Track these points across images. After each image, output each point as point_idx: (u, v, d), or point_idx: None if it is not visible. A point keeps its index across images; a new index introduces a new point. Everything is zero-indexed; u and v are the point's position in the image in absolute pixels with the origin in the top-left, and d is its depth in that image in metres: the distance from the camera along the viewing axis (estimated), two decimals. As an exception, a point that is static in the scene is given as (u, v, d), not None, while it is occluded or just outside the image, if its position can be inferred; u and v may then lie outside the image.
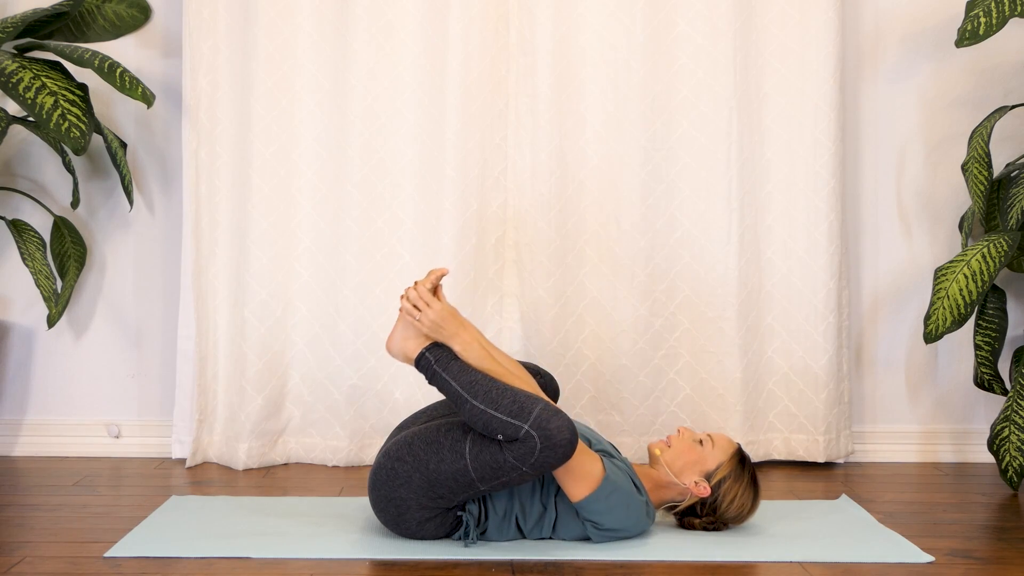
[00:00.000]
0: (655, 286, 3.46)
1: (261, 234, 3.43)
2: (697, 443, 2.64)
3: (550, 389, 2.76)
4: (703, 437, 2.66)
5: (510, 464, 2.41)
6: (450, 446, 2.46)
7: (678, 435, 2.67)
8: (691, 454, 2.63)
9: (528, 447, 2.38)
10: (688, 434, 2.67)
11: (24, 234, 3.42)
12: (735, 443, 2.68)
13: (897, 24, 3.59)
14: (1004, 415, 3.12)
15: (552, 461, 2.39)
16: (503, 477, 2.43)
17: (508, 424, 2.40)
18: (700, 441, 2.65)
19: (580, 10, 3.43)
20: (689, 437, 2.66)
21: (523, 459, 2.39)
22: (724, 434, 2.74)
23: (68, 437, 3.57)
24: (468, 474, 2.44)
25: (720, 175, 3.43)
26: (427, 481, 2.47)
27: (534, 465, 2.39)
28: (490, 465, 2.42)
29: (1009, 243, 3.08)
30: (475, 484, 2.45)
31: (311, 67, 3.42)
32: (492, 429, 2.42)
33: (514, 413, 2.40)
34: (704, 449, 2.63)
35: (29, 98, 3.07)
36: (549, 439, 2.37)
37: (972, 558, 2.52)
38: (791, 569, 2.43)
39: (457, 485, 2.46)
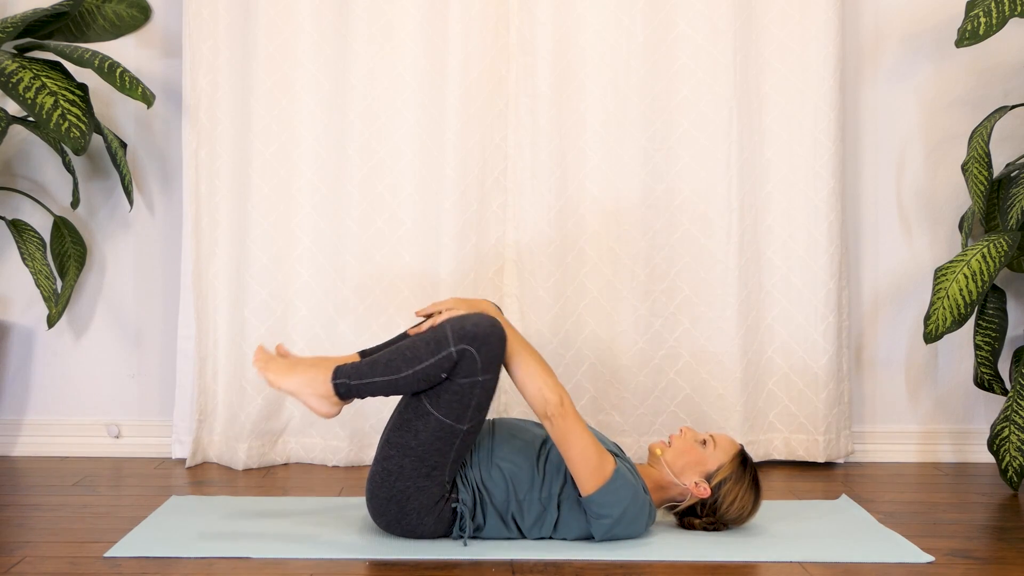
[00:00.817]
0: (655, 286, 3.46)
1: (261, 234, 3.43)
2: (699, 443, 2.64)
3: None
4: (705, 437, 2.65)
5: (466, 385, 2.45)
6: (416, 416, 2.49)
7: (680, 435, 2.67)
8: (692, 454, 2.62)
9: (468, 359, 2.43)
10: (690, 434, 2.67)
11: (24, 234, 3.42)
12: (737, 444, 2.68)
13: (897, 24, 3.59)
14: (1004, 415, 3.12)
15: (496, 352, 2.45)
16: (473, 401, 2.46)
17: (439, 361, 2.44)
18: (703, 442, 2.64)
19: (580, 10, 3.43)
20: (691, 437, 2.66)
21: (472, 371, 2.44)
22: (726, 435, 2.74)
23: (68, 437, 3.57)
24: (443, 423, 2.46)
25: (720, 175, 3.43)
26: (417, 459, 2.49)
27: (485, 368, 2.44)
28: (454, 401, 2.46)
29: (1009, 243, 3.08)
30: (456, 428, 2.48)
31: (311, 67, 3.42)
32: (433, 376, 2.45)
33: (434, 350, 2.44)
34: (706, 450, 2.63)
35: (29, 98, 3.07)
36: (477, 338, 2.42)
37: (972, 558, 2.52)
38: (791, 569, 2.43)
39: (443, 443, 2.48)
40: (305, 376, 2.52)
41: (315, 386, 2.51)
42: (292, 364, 2.55)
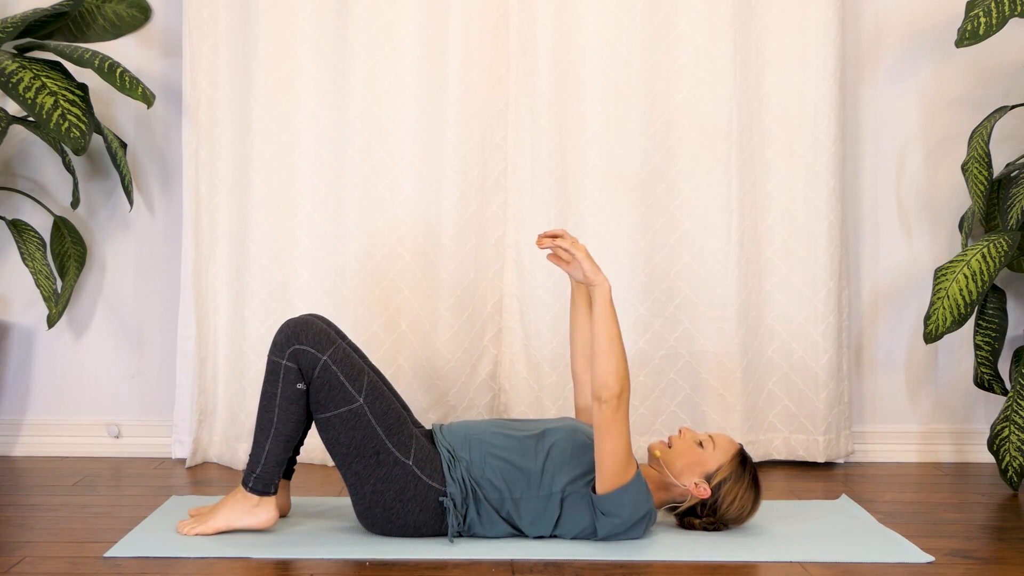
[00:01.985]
0: (655, 286, 3.46)
1: (261, 234, 3.43)
2: (698, 444, 2.63)
3: None
4: (704, 438, 2.65)
5: (322, 373, 2.51)
6: (326, 430, 2.54)
7: (679, 435, 2.66)
8: (691, 455, 2.62)
9: (301, 355, 2.51)
10: (689, 435, 2.66)
11: (24, 234, 3.42)
12: (737, 444, 2.67)
13: (897, 24, 3.59)
14: (1004, 415, 3.12)
15: (317, 327, 2.53)
16: (340, 378, 2.51)
17: (285, 381, 2.54)
18: (701, 443, 2.63)
19: (580, 10, 3.43)
20: (690, 438, 2.65)
21: (314, 360, 2.51)
22: (726, 435, 2.73)
23: (68, 437, 3.58)
24: (342, 415, 2.52)
25: (720, 175, 3.43)
26: (358, 457, 2.52)
27: (319, 347, 2.51)
28: (330, 392, 2.52)
29: (1009, 243, 3.08)
30: (356, 409, 2.52)
31: (311, 67, 3.42)
32: (296, 395, 2.53)
33: (275, 378, 2.54)
34: (705, 450, 2.62)
35: (29, 98, 3.07)
36: (292, 335, 2.51)
37: (972, 558, 2.52)
38: (791, 569, 2.43)
39: (361, 429, 2.52)
40: (225, 506, 2.61)
41: (236, 505, 2.60)
42: (212, 508, 2.65)
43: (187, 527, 2.61)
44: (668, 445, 2.65)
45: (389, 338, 3.43)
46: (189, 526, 2.61)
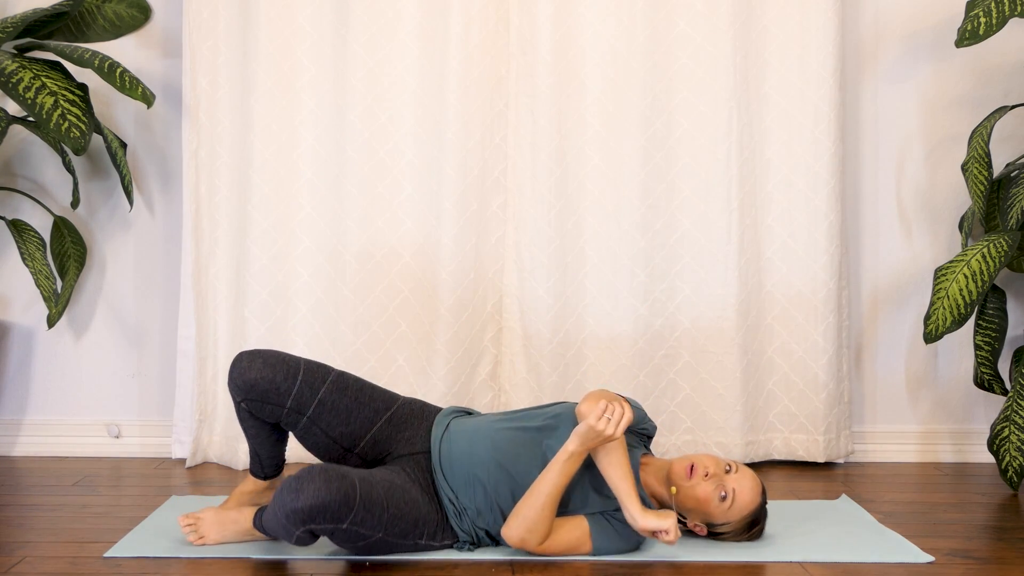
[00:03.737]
0: (655, 286, 3.46)
1: (261, 234, 3.43)
2: (719, 498, 2.48)
3: None
4: (728, 491, 2.48)
5: (341, 535, 2.34)
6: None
7: (704, 477, 2.48)
8: (707, 506, 2.50)
9: (326, 528, 2.31)
10: (714, 480, 2.48)
11: (24, 234, 3.42)
12: (756, 502, 2.52)
13: (897, 24, 3.59)
14: (1004, 415, 3.12)
15: (327, 515, 2.27)
16: (363, 536, 2.37)
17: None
18: (722, 497, 2.48)
19: (580, 10, 3.43)
20: (713, 485, 2.48)
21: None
22: (752, 482, 2.53)
23: (68, 437, 3.57)
24: (375, 549, 2.41)
25: (720, 175, 3.43)
26: (392, 549, 2.44)
27: (333, 523, 2.29)
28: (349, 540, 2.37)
29: (1009, 243, 3.08)
30: (388, 544, 2.41)
31: (311, 67, 3.42)
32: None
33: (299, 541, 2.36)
34: (723, 505, 2.49)
35: (29, 98, 3.07)
36: (312, 516, 2.26)
37: (972, 558, 2.52)
38: (791, 569, 2.43)
39: (389, 549, 2.43)
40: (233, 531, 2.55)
41: (244, 535, 2.56)
42: (219, 521, 2.55)
43: (197, 534, 2.54)
44: (690, 475, 2.49)
45: (389, 338, 3.43)
46: (197, 533, 2.54)
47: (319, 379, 2.54)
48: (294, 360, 2.54)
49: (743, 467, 2.53)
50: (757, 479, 2.53)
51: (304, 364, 2.54)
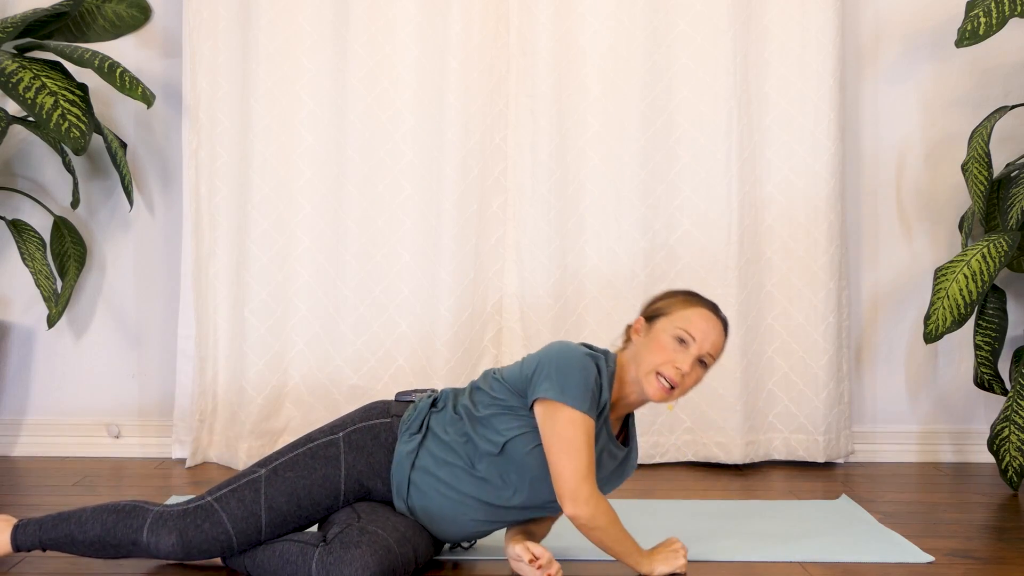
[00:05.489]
0: (655, 286, 3.46)
1: (261, 234, 3.43)
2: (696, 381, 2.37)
3: None
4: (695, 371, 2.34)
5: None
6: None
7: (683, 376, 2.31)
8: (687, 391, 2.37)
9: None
10: (692, 376, 2.35)
11: (24, 234, 3.42)
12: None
13: (897, 24, 3.59)
14: (1004, 415, 3.12)
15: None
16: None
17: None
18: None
19: (580, 10, 3.43)
20: (693, 379, 2.35)
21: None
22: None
23: (68, 437, 3.57)
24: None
25: (720, 175, 3.43)
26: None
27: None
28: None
29: (1009, 243, 3.08)
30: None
31: (311, 67, 3.42)
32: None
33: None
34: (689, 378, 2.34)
35: (29, 98, 3.07)
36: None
37: (972, 558, 2.52)
38: (791, 569, 2.43)
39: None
40: None
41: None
42: None
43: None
44: (668, 392, 2.32)
45: (389, 338, 3.43)
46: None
47: (253, 537, 2.28)
48: (225, 537, 2.27)
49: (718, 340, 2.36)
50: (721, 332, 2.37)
51: (235, 535, 2.27)
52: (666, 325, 2.31)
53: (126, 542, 2.29)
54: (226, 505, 2.26)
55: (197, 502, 2.29)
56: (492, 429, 2.28)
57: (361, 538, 2.17)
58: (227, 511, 2.25)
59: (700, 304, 2.36)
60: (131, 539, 2.28)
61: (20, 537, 2.34)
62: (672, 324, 2.31)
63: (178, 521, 2.25)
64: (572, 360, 2.25)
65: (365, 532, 2.19)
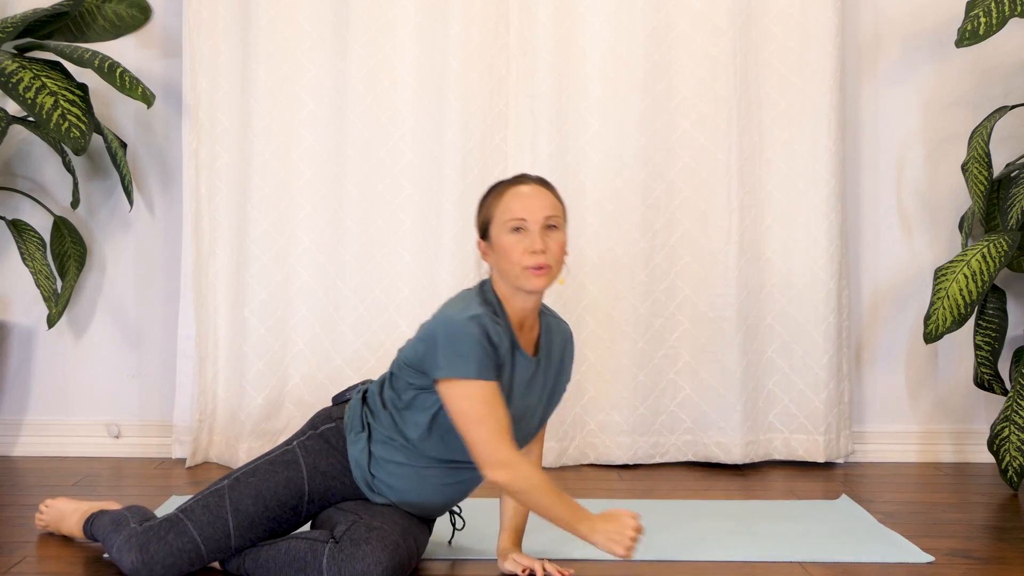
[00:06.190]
0: (655, 286, 3.46)
1: (261, 234, 3.43)
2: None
3: None
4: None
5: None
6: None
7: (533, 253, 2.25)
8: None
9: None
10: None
11: (24, 234, 3.42)
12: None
13: (897, 24, 3.59)
14: (1004, 415, 3.12)
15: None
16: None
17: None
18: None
19: (580, 10, 3.43)
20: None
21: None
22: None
23: (68, 437, 3.57)
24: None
25: (720, 175, 3.43)
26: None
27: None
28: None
29: (1009, 243, 3.08)
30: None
31: (311, 67, 3.42)
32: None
33: None
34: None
35: (29, 98, 3.07)
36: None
37: (972, 558, 2.52)
38: (791, 569, 2.43)
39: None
40: None
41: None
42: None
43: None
44: (536, 270, 2.26)
45: (389, 338, 3.43)
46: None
47: (223, 543, 2.28)
48: (193, 547, 2.26)
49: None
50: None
51: (202, 542, 2.27)
52: (497, 229, 2.29)
53: (112, 553, 2.33)
54: (191, 514, 2.27)
55: (162, 518, 2.30)
56: (416, 410, 2.29)
57: (370, 534, 2.19)
58: (192, 519, 2.26)
59: (508, 187, 2.32)
60: (111, 554, 2.33)
61: (86, 526, 2.50)
62: (500, 223, 2.29)
63: (140, 538, 2.26)
64: (455, 331, 2.21)
65: (372, 528, 2.21)
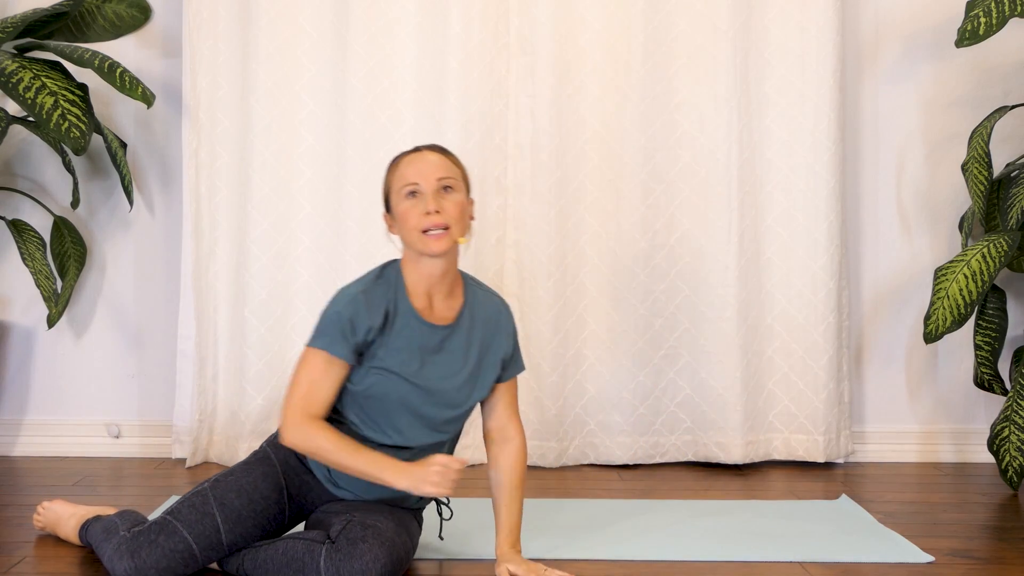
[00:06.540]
0: (655, 286, 3.46)
1: (261, 234, 3.43)
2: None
3: None
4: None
5: None
6: None
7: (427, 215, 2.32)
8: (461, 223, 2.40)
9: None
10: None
11: (24, 234, 3.42)
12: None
13: (897, 24, 3.59)
14: (1004, 415, 3.12)
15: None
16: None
17: None
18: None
19: (580, 10, 3.43)
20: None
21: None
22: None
23: (68, 437, 3.58)
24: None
25: (720, 175, 3.43)
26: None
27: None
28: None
29: (1009, 243, 3.09)
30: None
31: (311, 67, 3.42)
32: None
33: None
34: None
35: (29, 98, 3.07)
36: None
37: (972, 558, 2.52)
38: (791, 569, 2.43)
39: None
40: None
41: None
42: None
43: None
44: (435, 237, 2.36)
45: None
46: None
47: (214, 539, 2.28)
48: (184, 547, 2.26)
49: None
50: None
51: (193, 540, 2.27)
52: (395, 198, 2.35)
53: (104, 562, 2.32)
54: (178, 515, 2.28)
55: (150, 523, 2.30)
56: (345, 390, 2.34)
57: (365, 532, 2.20)
58: (180, 519, 2.27)
59: (403, 157, 2.38)
60: (103, 563, 2.32)
61: (81, 532, 2.50)
62: (396, 191, 2.34)
63: (130, 544, 2.25)
64: (327, 307, 2.31)
65: (367, 526, 2.22)
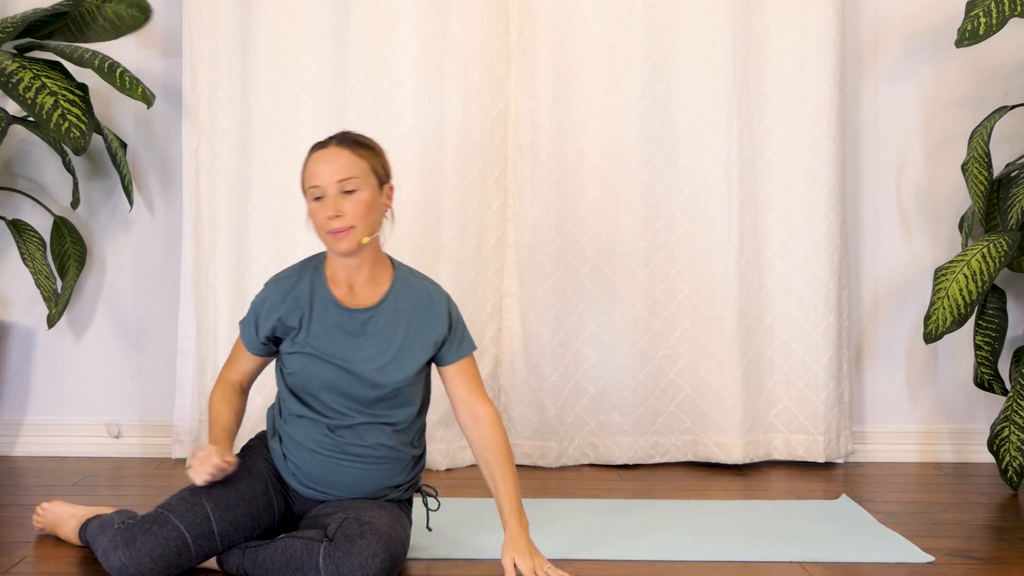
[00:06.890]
0: (655, 286, 3.46)
1: (261, 234, 3.43)
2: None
3: None
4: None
5: None
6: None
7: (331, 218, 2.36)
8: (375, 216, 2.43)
9: None
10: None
11: (24, 234, 3.42)
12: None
13: (897, 24, 3.59)
14: (1004, 415, 3.12)
15: None
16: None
17: None
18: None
19: (580, 10, 3.43)
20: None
21: None
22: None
23: (68, 437, 3.58)
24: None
25: (720, 175, 3.43)
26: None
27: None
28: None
29: (1009, 243, 3.09)
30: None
31: (311, 67, 3.42)
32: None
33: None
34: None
35: (29, 98, 3.07)
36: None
37: (972, 558, 2.52)
38: (791, 569, 2.43)
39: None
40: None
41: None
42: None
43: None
44: (336, 233, 2.38)
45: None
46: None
47: (205, 527, 2.30)
48: (178, 535, 2.27)
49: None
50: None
51: (185, 528, 2.28)
52: (306, 196, 2.41)
53: (99, 555, 2.32)
54: (170, 507, 2.30)
55: (143, 515, 2.32)
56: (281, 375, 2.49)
57: (362, 528, 2.22)
58: (172, 511, 2.29)
59: (311, 154, 2.41)
60: (98, 557, 2.32)
61: (81, 533, 2.52)
62: (306, 192, 2.40)
63: (125, 535, 2.26)
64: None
65: (363, 523, 2.24)
